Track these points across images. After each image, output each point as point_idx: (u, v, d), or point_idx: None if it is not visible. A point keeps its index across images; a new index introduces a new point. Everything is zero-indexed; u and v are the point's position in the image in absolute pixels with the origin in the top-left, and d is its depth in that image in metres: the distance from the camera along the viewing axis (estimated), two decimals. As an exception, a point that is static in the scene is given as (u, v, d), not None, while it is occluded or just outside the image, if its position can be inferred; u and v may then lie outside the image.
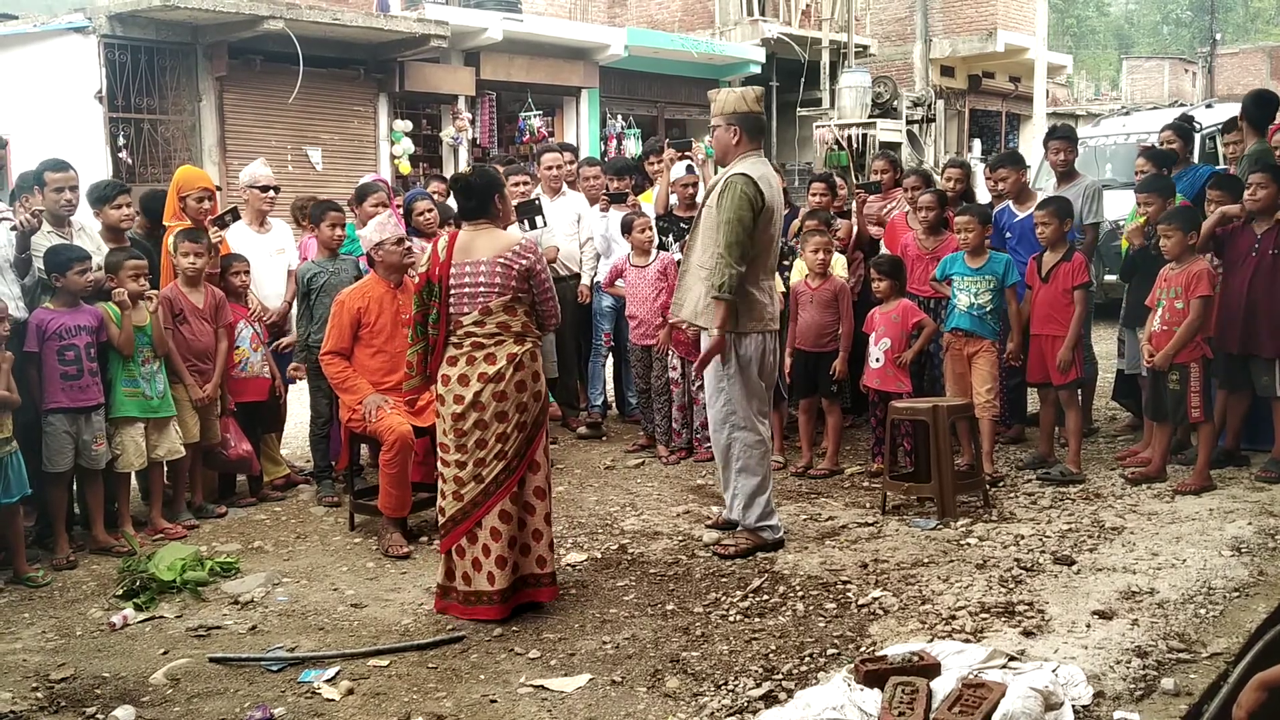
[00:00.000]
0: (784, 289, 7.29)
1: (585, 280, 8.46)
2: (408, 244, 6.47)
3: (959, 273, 7.03)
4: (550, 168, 8.51)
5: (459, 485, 4.95)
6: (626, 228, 7.84)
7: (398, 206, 7.75)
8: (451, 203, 6.71)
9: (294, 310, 7.24)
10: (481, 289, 4.96)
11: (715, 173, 8.32)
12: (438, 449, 5.10)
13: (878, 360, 7.10)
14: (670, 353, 7.80)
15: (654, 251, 7.75)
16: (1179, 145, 8.05)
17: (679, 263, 7.81)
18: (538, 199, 7.80)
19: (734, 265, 5.44)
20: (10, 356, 5.55)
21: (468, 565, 4.94)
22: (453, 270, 4.97)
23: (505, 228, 5.24)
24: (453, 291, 4.98)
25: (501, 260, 4.99)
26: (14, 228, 5.77)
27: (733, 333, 5.60)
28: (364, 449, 7.25)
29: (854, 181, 11.67)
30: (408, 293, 6.31)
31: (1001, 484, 6.84)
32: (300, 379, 7.14)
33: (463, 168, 16.22)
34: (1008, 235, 7.55)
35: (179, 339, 6.44)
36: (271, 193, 7.39)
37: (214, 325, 6.62)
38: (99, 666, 4.60)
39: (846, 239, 8.18)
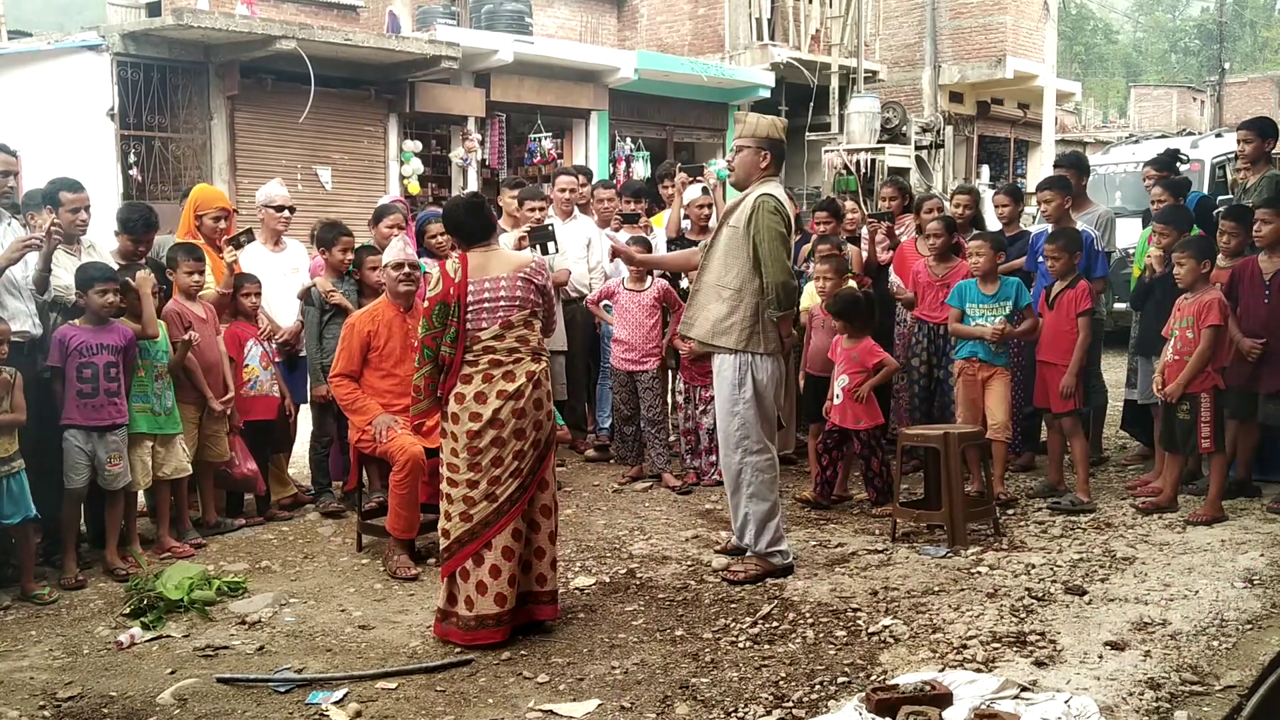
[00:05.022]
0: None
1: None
2: (407, 269, 6.40)
3: (974, 300, 7.02)
4: (564, 190, 8.54)
5: (468, 505, 4.92)
6: None
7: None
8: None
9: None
10: (502, 303, 4.97)
11: (725, 196, 8.35)
12: (445, 470, 5.03)
13: (838, 396, 7.05)
14: (676, 376, 7.80)
15: (649, 278, 7.72)
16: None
17: (689, 288, 7.85)
18: (551, 225, 7.80)
19: (786, 279, 5.55)
20: (17, 374, 5.54)
21: (471, 589, 4.90)
22: (470, 286, 4.96)
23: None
24: (471, 307, 4.95)
25: (522, 275, 5.04)
26: (38, 245, 5.73)
27: (752, 354, 5.62)
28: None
29: (864, 209, 11.64)
30: (418, 317, 6.29)
31: (1012, 509, 6.83)
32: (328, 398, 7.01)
33: (469, 189, 16.34)
34: (1041, 260, 7.55)
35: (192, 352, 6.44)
36: (287, 213, 7.41)
37: (215, 335, 6.64)
38: (106, 685, 4.58)
39: (858, 265, 8.19)
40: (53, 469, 5.84)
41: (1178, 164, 8.66)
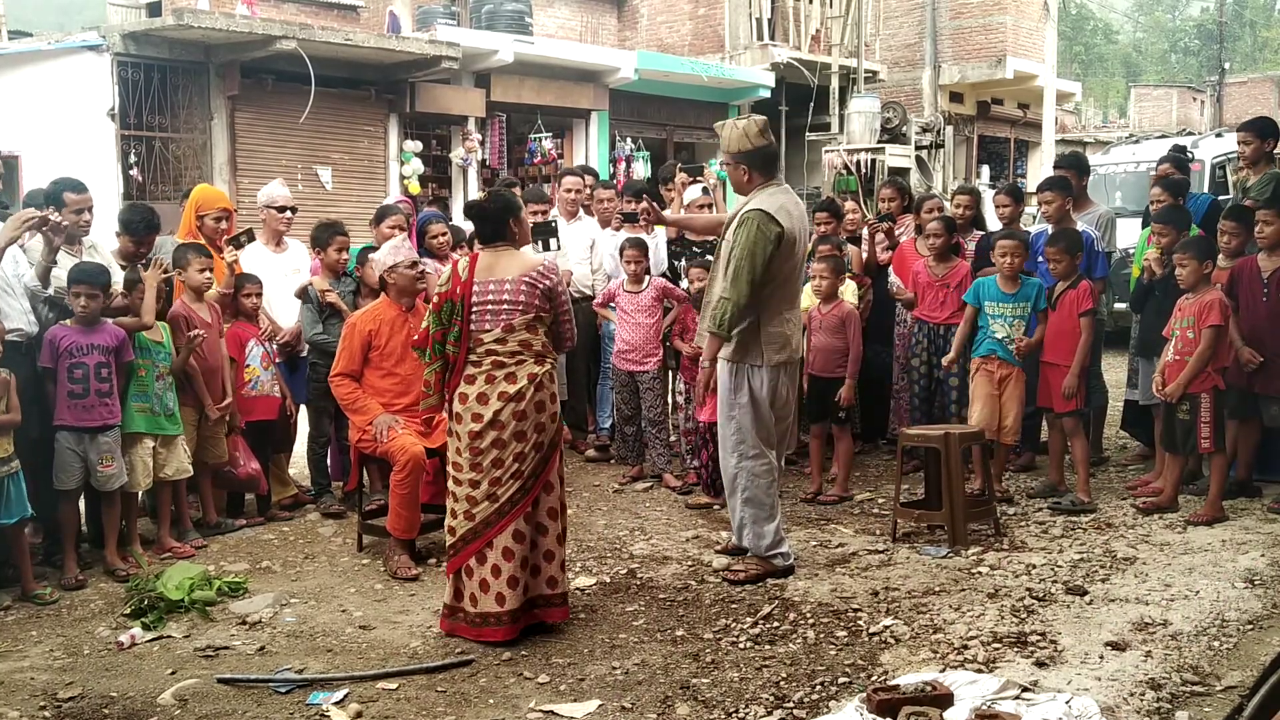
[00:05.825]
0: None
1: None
2: (421, 268, 6.46)
3: (993, 299, 7.00)
4: (570, 190, 8.54)
5: (471, 505, 4.94)
6: (620, 253, 7.84)
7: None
8: (467, 225, 6.71)
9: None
10: (505, 306, 4.97)
11: (726, 196, 8.36)
12: (450, 468, 5.06)
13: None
14: (676, 376, 7.80)
15: (646, 278, 7.72)
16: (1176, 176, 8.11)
17: (688, 289, 7.86)
18: (554, 221, 7.80)
19: (738, 301, 5.44)
20: (11, 375, 5.52)
21: (475, 586, 4.92)
22: (475, 288, 4.97)
23: (520, 249, 5.25)
24: (475, 308, 4.97)
25: (527, 279, 5.01)
26: (35, 222, 5.70)
27: (750, 365, 5.60)
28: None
29: (865, 210, 11.63)
30: (419, 316, 6.30)
31: (1012, 506, 6.84)
32: None
33: (474, 192, 16.39)
34: (1041, 260, 7.54)
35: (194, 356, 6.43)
36: (289, 213, 7.41)
37: (220, 339, 6.64)
38: (107, 686, 4.58)
39: (857, 265, 8.19)
40: (52, 469, 5.84)
41: (1188, 160, 8.67)
